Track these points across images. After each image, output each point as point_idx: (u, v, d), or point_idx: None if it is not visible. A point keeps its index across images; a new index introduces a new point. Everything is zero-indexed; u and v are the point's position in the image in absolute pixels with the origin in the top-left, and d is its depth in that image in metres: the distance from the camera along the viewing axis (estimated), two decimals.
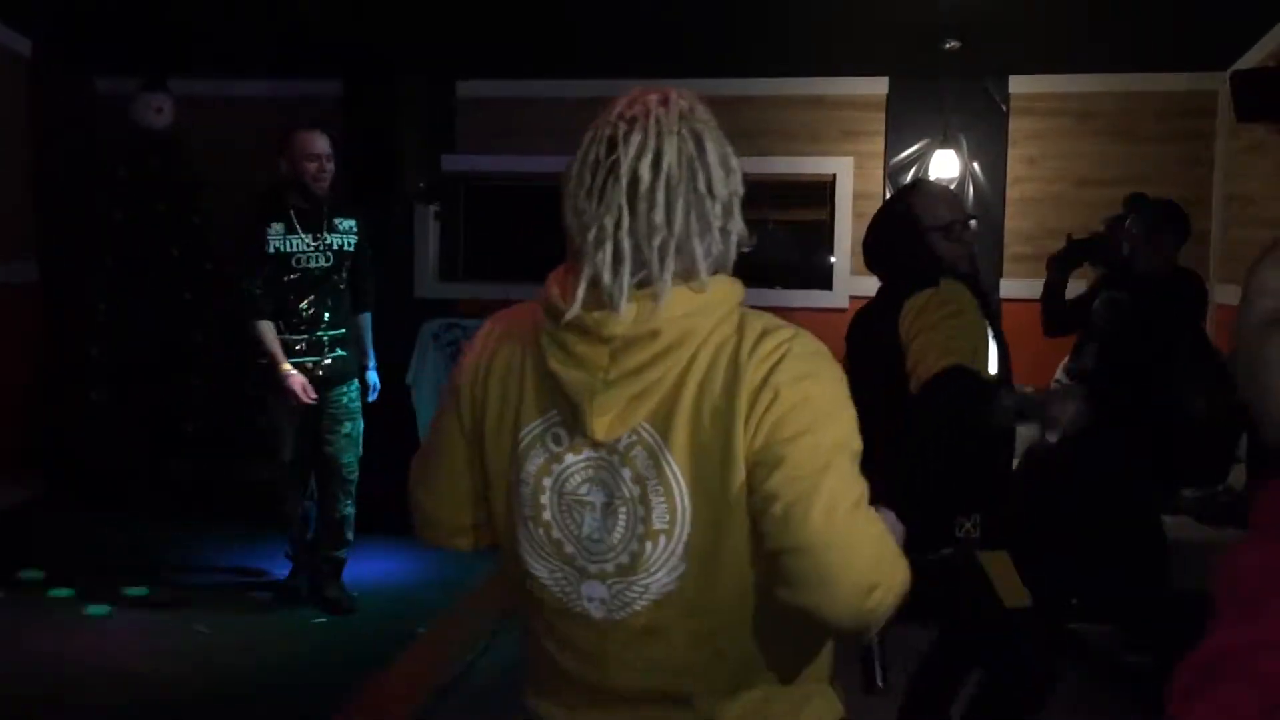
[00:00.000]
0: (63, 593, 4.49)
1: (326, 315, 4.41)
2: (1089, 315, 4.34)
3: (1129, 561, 4.14)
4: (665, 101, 1.44)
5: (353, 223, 4.49)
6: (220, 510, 5.91)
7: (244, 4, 5.71)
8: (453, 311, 6.56)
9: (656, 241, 1.37)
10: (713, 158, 1.43)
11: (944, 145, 6.38)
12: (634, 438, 1.38)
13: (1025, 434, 5.89)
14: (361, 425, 4.55)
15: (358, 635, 4.17)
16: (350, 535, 4.53)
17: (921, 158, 6.46)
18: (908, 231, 2.87)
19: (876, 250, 2.97)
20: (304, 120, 4.53)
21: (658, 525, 1.37)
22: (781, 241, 6.91)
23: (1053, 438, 3.02)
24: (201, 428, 6.28)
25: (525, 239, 7.06)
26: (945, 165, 6.40)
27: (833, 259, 6.62)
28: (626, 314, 1.36)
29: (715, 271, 1.43)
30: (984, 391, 2.65)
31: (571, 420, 1.41)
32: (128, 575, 4.70)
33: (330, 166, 4.36)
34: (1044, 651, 2.96)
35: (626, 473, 1.39)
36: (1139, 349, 4.10)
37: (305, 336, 4.38)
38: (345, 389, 4.48)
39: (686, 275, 1.39)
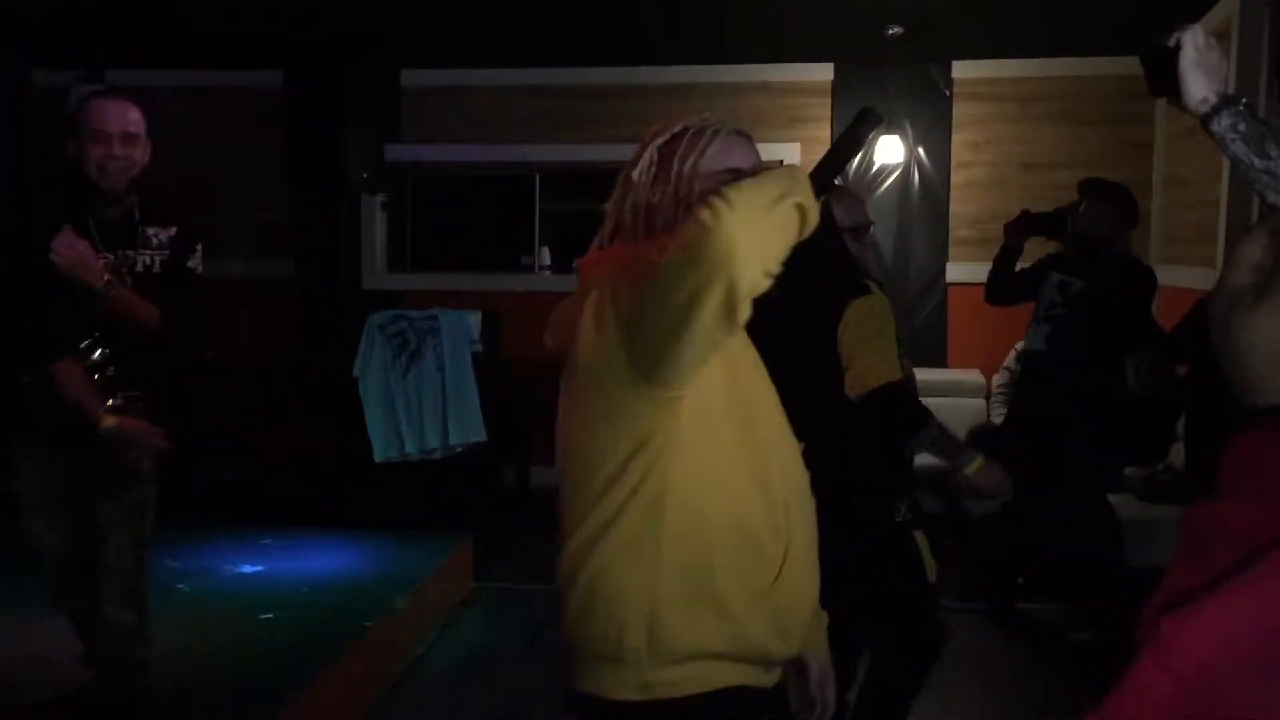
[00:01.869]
0: None
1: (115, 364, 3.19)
2: (1032, 290, 4.38)
3: (1081, 539, 4.20)
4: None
5: (171, 232, 3.32)
6: (165, 507, 5.82)
7: None
8: (400, 303, 6.51)
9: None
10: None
11: (889, 131, 6.42)
12: None
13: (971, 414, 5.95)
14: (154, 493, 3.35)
15: (308, 629, 4.13)
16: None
17: (867, 143, 6.48)
18: (833, 230, 2.92)
19: (800, 245, 3.01)
20: (95, 92, 3.57)
21: None
22: None
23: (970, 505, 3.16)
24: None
25: (473, 229, 7.03)
26: (890, 151, 6.45)
27: None
28: None
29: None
30: (915, 414, 2.85)
31: None
32: None
33: (134, 154, 3.17)
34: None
35: None
36: (1089, 332, 4.15)
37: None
38: (128, 466, 3.22)
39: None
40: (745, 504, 1.59)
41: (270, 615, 4.28)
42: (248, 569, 4.80)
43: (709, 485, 1.57)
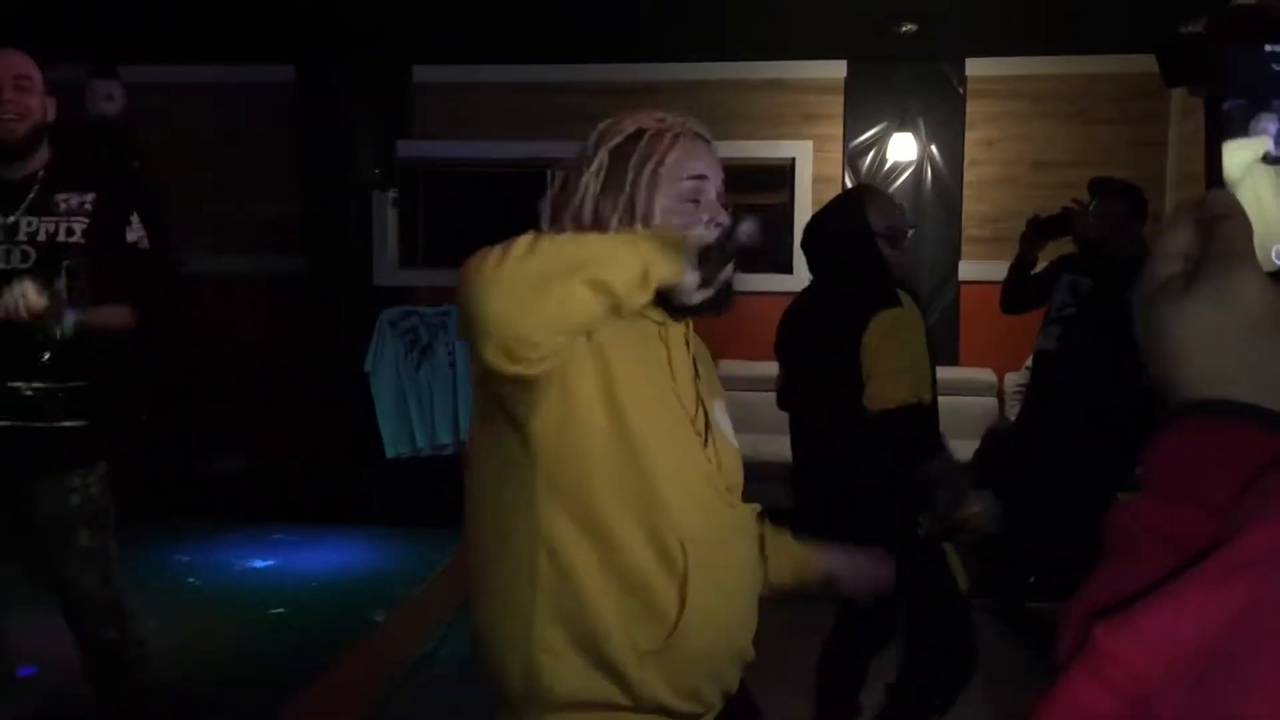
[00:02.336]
0: None
1: (43, 355, 2.72)
2: (1046, 294, 4.37)
3: (1093, 539, 4.18)
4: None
5: (90, 198, 2.82)
6: (177, 503, 5.84)
7: None
8: (412, 299, 6.51)
9: None
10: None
11: (901, 128, 6.40)
12: None
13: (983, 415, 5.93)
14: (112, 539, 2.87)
15: (314, 626, 4.14)
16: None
17: (880, 141, 6.47)
18: (863, 236, 2.87)
19: (825, 250, 2.98)
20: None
21: None
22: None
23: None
24: (157, 423, 6.20)
25: (484, 225, 7.02)
26: (903, 148, 6.42)
27: (792, 243, 6.63)
28: None
29: None
30: (928, 442, 2.77)
31: None
32: None
33: (29, 103, 2.86)
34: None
35: None
36: (1099, 331, 4.13)
37: None
38: (75, 476, 2.79)
39: None
40: (625, 549, 1.45)
41: (280, 610, 4.29)
42: (258, 564, 4.81)
43: (581, 528, 1.45)
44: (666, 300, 1.48)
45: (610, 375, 1.46)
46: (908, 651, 3.08)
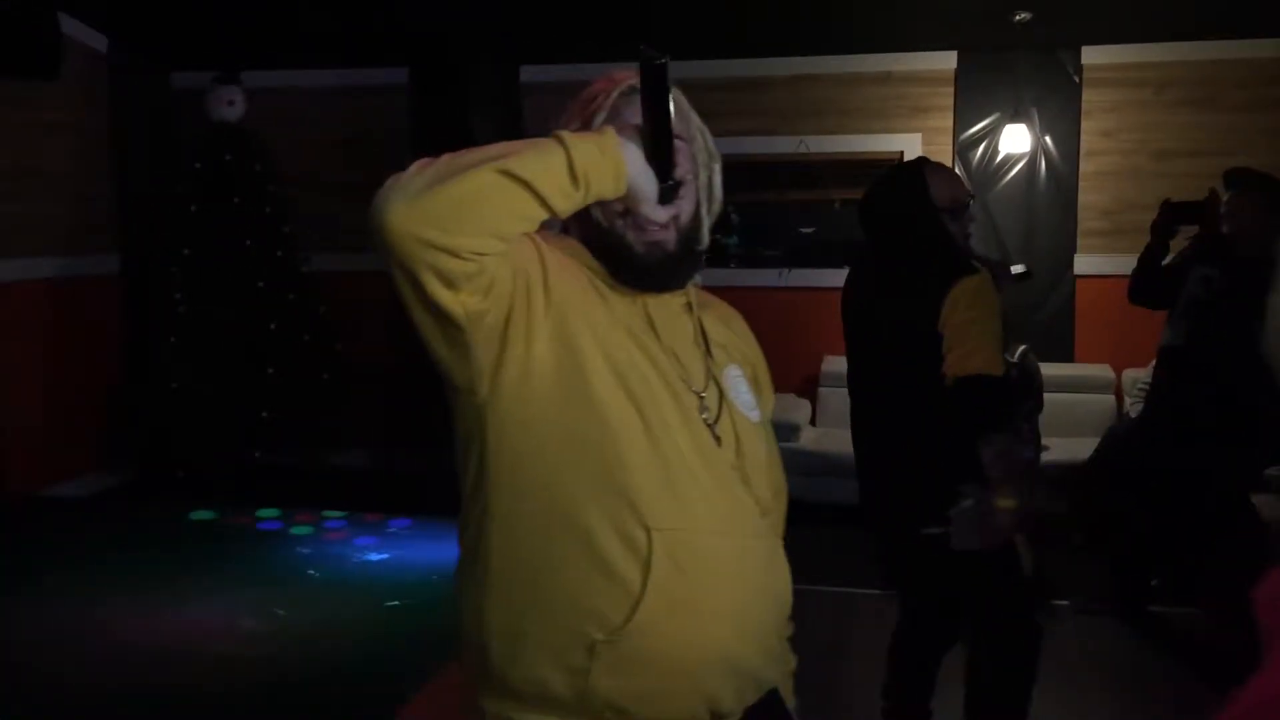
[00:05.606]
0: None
1: None
2: (1175, 288, 4.23)
3: (1222, 540, 4.05)
4: None
5: None
6: (299, 496, 6.01)
7: None
8: None
9: None
10: None
11: (1015, 120, 6.26)
12: None
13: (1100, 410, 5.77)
14: None
15: (432, 619, 4.22)
16: None
17: (992, 133, 6.35)
18: (927, 210, 2.82)
19: (887, 225, 2.91)
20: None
21: None
22: (849, 220, 6.84)
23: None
24: (278, 416, 6.39)
25: None
26: (1016, 140, 6.29)
27: None
28: None
29: None
30: (996, 415, 2.68)
31: None
32: (207, 559, 4.80)
33: None
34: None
35: None
36: (1231, 328, 3.99)
37: None
38: None
39: None
40: (582, 530, 1.36)
41: (396, 603, 4.38)
42: (375, 557, 4.92)
43: (536, 507, 1.38)
44: (631, 265, 1.45)
45: (572, 347, 1.38)
46: (971, 650, 3.00)
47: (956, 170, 6.33)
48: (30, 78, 5.66)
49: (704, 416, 1.46)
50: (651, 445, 1.38)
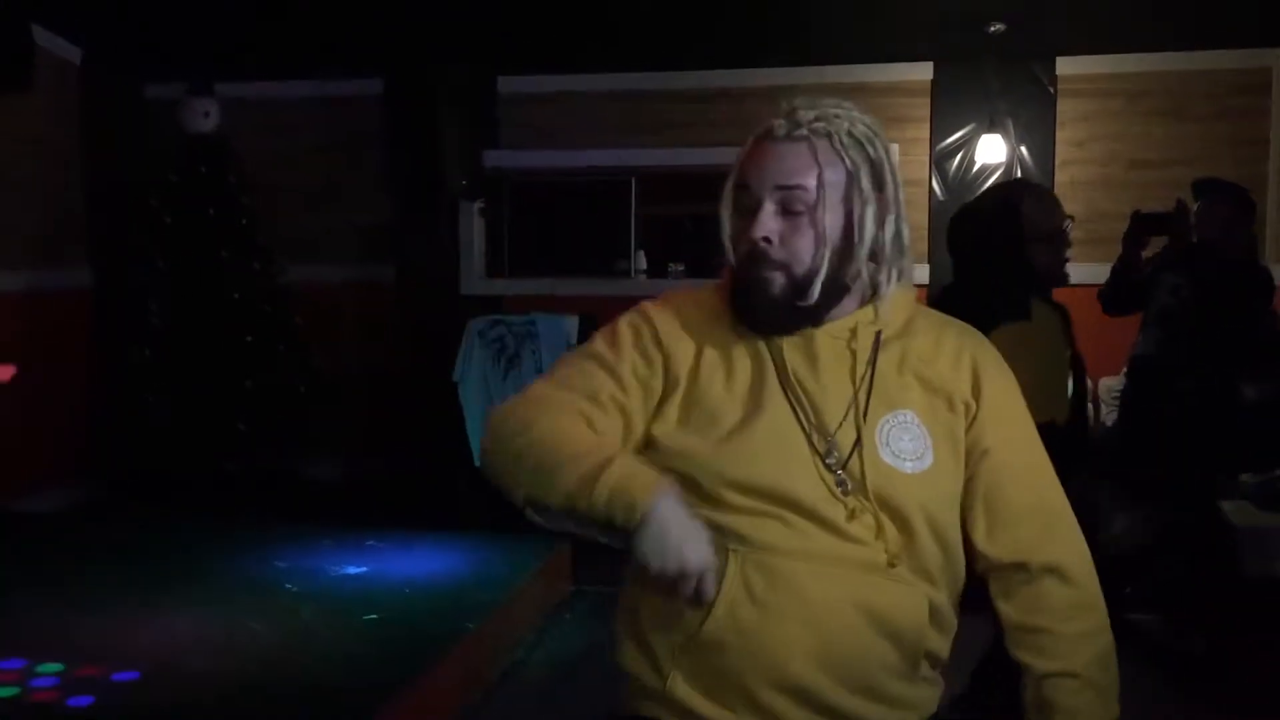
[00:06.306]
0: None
1: None
2: (1146, 296, 4.26)
3: (1193, 547, 4.07)
4: None
5: None
6: (274, 508, 5.97)
7: (284, 5, 5.76)
8: (499, 308, 6.58)
9: None
10: None
11: (990, 130, 6.30)
12: None
13: None
14: None
15: (407, 632, 4.19)
16: None
17: (968, 143, 6.39)
18: (1009, 240, 2.73)
19: (968, 248, 2.84)
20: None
21: None
22: None
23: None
24: (254, 427, 6.35)
25: (570, 234, 7.07)
26: (992, 150, 6.33)
27: None
28: None
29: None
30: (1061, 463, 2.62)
31: None
32: (182, 571, 4.75)
33: None
34: None
35: None
36: (1201, 335, 4.02)
37: None
38: None
39: None
40: None
41: (374, 616, 4.35)
42: (352, 570, 4.88)
43: None
44: (754, 315, 1.51)
45: (678, 383, 1.52)
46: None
47: (934, 184, 6.35)
48: (2, 89, 5.62)
49: (830, 461, 1.47)
50: (749, 468, 1.45)
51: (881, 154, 1.54)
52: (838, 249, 1.48)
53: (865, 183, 1.50)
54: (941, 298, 2.89)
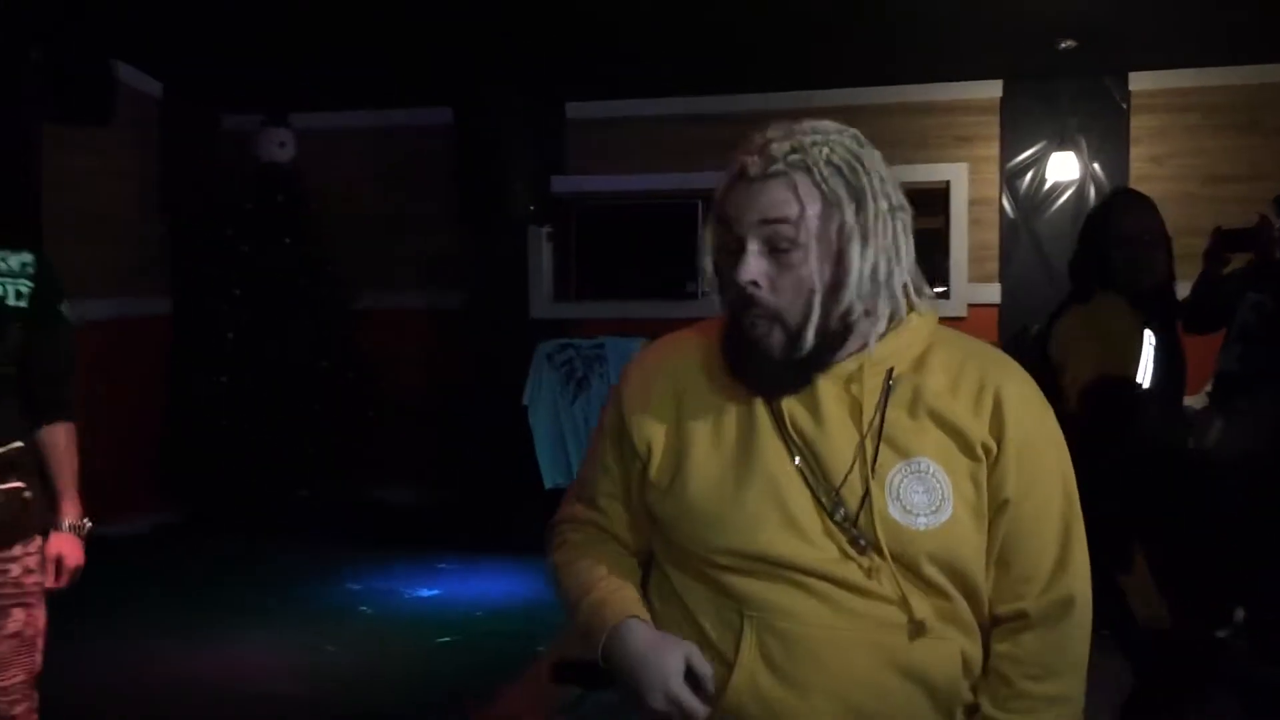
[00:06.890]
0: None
1: None
2: (1228, 313, 4.17)
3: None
4: None
5: (27, 260, 2.46)
6: (347, 532, 6.04)
7: (355, 38, 5.86)
8: (567, 332, 6.61)
9: None
10: None
11: (1062, 147, 6.22)
12: None
13: None
14: (43, 618, 2.51)
15: (480, 655, 4.22)
16: None
17: (1039, 160, 6.31)
18: (1096, 243, 2.91)
19: (1076, 252, 3.06)
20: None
21: None
22: None
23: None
24: (327, 452, 6.43)
25: (637, 258, 7.09)
26: (1064, 167, 6.24)
27: (948, 267, 6.50)
28: None
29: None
30: (1133, 403, 2.72)
31: None
32: (260, 596, 4.83)
33: None
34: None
35: None
36: None
37: None
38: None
39: None
40: (691, 606, 1.46)
41: (447, 639, 4.39)
42: (425, 593, 4.94)
43: (668, 578, 1.51)
44: (756, 378, 1.43)
45: (653, 453, 1.49)
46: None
47: (1004, 202, 6.27)
48: (86, 123, 5.79)
49: (838, 518, 1.37)
50: (750, 533, 1.38)
51: (864, 181, 1.40)
52: (829, 287, 1.38)
53: (849, 215, 1.38)
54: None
